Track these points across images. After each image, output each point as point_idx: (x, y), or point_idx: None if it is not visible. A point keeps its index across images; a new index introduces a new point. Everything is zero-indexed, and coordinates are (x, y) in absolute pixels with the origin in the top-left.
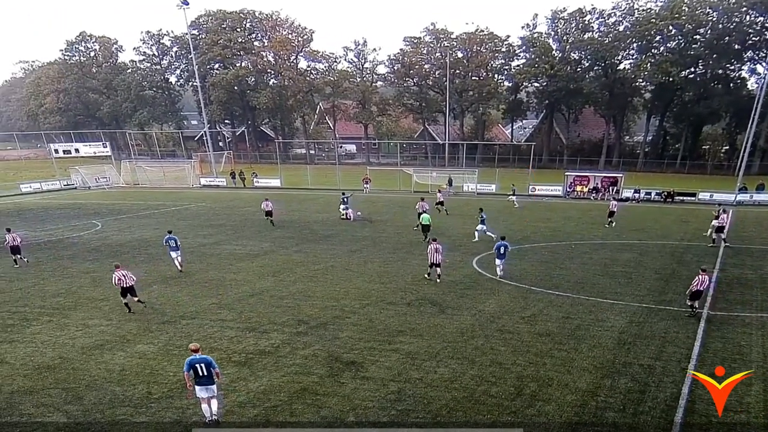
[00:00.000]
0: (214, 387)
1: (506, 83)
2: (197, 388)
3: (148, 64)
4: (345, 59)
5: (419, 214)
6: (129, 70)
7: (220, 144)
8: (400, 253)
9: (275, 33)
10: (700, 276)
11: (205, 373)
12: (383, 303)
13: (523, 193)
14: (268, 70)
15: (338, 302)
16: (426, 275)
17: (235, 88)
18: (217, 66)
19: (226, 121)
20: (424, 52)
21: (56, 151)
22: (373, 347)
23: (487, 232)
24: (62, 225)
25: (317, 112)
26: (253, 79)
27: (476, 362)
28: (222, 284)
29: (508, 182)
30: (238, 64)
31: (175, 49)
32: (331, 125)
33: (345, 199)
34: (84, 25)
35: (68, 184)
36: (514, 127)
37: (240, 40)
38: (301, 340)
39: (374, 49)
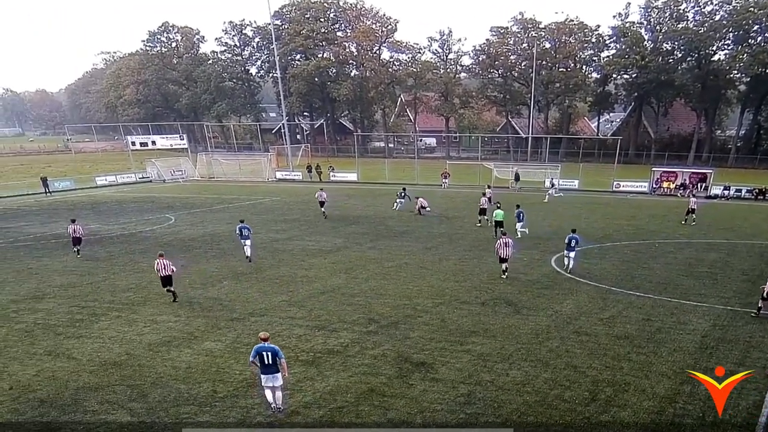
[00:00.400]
0: (279, 376)
1: (594, 75)
2: (263, 377)
3: (229, 55)
4: (429, 50)
5: (481, 209)
6: (210, 61)
7: (298, 137)
8: (476, 250)
9: (359, 23)
10: None
11: (271, 362)
12: (457, 302)
13: (606, 189)
14: (350, 61)
15: (410, 301)
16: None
17: (316, 79)
18: (298, 57)
19: (305, 113)
20: (511, 42)
21: (133, 143)
22: (444, 348)
23: (519, 229)
24: (135, 219)
25: (398, 104)
26: (334, 71)
27: (550, 365)
28: (293, 281)
29: (591, 178)
30: (319, 55)
31: (257, 39)
32: (411, 118)
33: (402, 194)
34: (167, 15)
35: (143, 177)
36: (600, 121)
37: (323, 30)
38: (370, 340)
39: (459, 39)
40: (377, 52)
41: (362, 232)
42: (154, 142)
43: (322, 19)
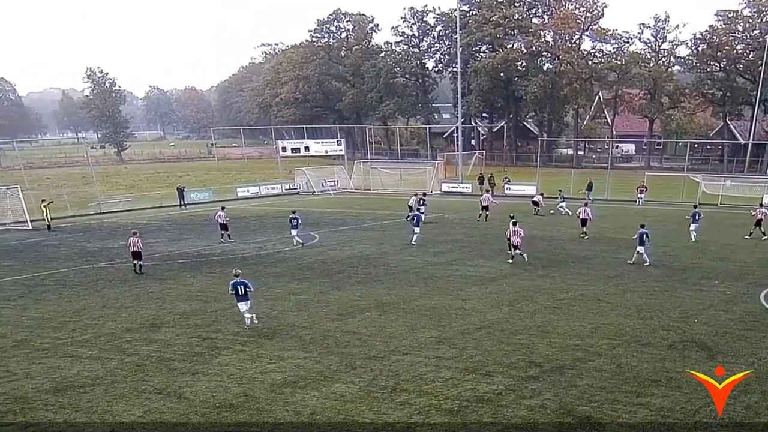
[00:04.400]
0: (250, 302)
1: None
2: (239, 304)
3: (405, 47)
4: (639, 39)
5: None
6: (381, 54)
7: (473, 142)
8: (669, 281)
9: (559, 8)
10: None
11: (244, 293)
12: (638, 344)
13: None
14: (544, 53)
15: (582, 341)
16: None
17: (502, 74)
18: (484, 48)
19: (484, 114)
20: (740, 29)
21: (284, 148)
22: (617, 399)
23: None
24: (275, 236)
25: (594, 103)
26: (523, 64)
27: (745, 426)
28: (446, 313)
29: None
30: (509, 46)
31: (438, 28)
32: (608, 120)
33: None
34: (341, 2)
35: (290, 188)
36: None
37: (517, 16)
38: (529, 387)
39: (677, 26)
40: (577, 41)
41: (534, 257)
42: (307, 148)
43: (517, 4)
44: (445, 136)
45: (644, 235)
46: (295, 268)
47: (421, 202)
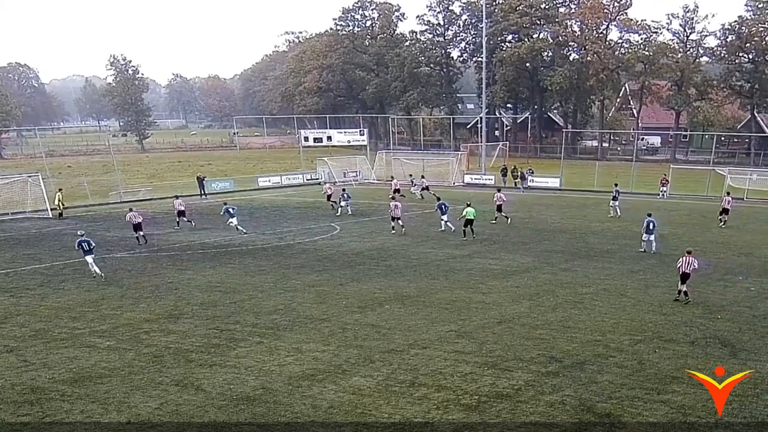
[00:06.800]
0: (94, 255)
1: None
2: (86, 257)
3: (430, 36)
4: (667, 29)
5: (498, 206)
6: (406, 43)
7: (496, 133)
8: (693, 275)
9: None
10: None
11: (89, 248)
12: (660, 340)
13: None
14: (570, 43)
15: (603, 336)
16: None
17: (527, 64)
18: (510, 37)
19: (508, 105)
20: None
21: (306, 138)
22: (637, 396)
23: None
24: (296, 227)
25: (620, 94)
26: (549, 54)
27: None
28: (467, 307)
29: None
30: (535, 36)
31: (464, 17)
32: (634, 111)
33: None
34: None
35: (312, 178)
36: None
37: (543, 6)
38: (548, 383)
39: (706, 16)
40: (604, 31)
41: (556, 250)
42: (329, 138)
43: None
44: (468, 126)
45: (651, 224)
46: (315, 259)
47: (345, 195)
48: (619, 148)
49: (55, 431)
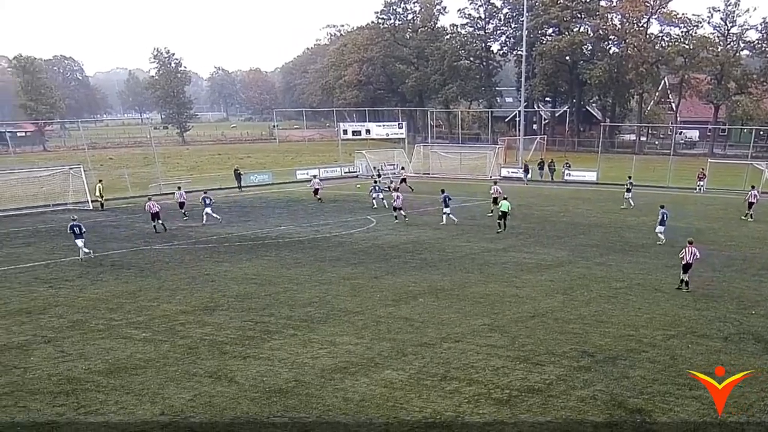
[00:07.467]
0: (84, 239)
1: None
2: (77, 240)
3: (471, 29)
4: (708, 22)
5: (494, 198)
6: (447, 36)
7: (534, 127)
8: (728, 271)
9: None
10: None
11: (80, 232)
12: (693, 335)
13: None
14: (611, 36)
15: (637, 331)
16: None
17: (567, 58)
18: (550, 31)
19: (547, 98)
20: None
21: (345, 131)
22: (669, 392)
23: (660, 234)
24: (332, 220)
25: (659, 88)
26: (589, 47)
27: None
28: (500, 301)
29: None
30: (575, 29)
31: (505, 10)
32: (673, 105)
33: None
34: None
35: (349, 171)
36: None
37: None
38: (580, 377)
39: (747, 9)
40: (645, 25)
41: (591, 244)
42: (368, 131)
43: None
44: (506, 120)
45: (665, 215)
46: (350, 252)
47: (377, 188)
48: (656, 142)
49: (90, 422)
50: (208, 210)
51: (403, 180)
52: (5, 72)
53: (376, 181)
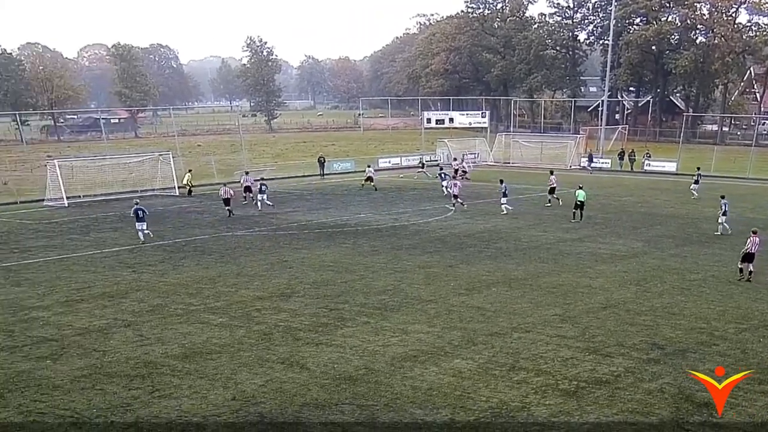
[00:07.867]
0: (146, 223)
1: None
2: (137, 223)
3: (558, 18)
4: None
5: (551, 188)
6: (535, 25)
7: (617, 116)
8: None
9: None
10: None
11: (142, 215)
12: (766, 329)
13: None
14: (698, 26)
15: (708, 324)
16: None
17: (653, 47)
18: (638, 20)
19: (631, 88)
20: None
21: (428, 120)
22: (738, 386)
23: (724, 224)
24: (411, 208)
25: (744, 78)
26: (676, 37)
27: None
28: (573, 291)
29: None
30: (663, 18)
31: (593, 0)
32: (758, 95)
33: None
34: None
35: (431, 160)
36: None
37: None
38: (649, 370)
39: None
40: (734, 14)
41: (667, 235)
42: (452, 120)
43: None
44: (589, 109)
45: (725, 206)
46: (427, 240)
47: (443, 175)
48: (739, 133)
49: (163, 405)
50: (263, 197)
51: (456, 171)
52: (103, 60)
53: (441, 168)
